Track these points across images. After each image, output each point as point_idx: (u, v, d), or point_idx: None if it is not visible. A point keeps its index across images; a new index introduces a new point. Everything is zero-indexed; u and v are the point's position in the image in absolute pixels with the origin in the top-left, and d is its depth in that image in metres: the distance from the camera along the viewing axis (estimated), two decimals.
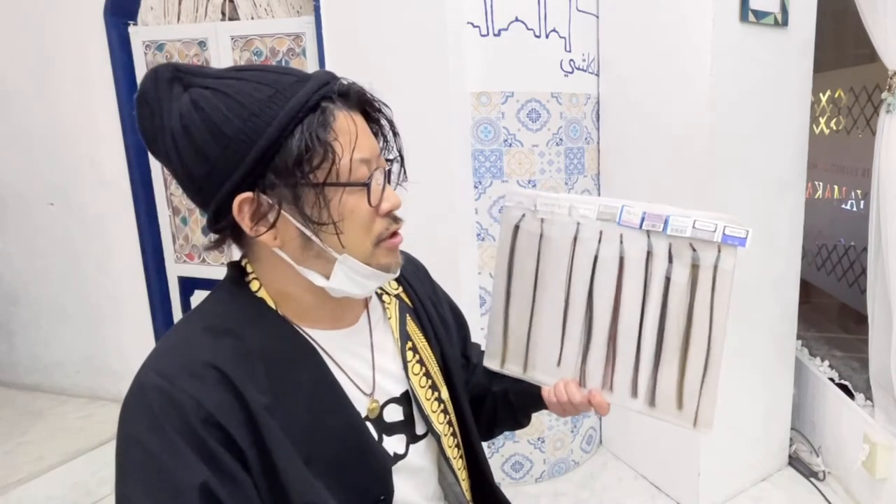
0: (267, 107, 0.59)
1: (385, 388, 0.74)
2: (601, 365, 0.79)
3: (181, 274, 2.61)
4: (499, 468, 2.11)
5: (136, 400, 0.59)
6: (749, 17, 1.69)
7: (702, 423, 0.74)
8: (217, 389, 0.59)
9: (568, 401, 0.79)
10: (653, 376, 0.77)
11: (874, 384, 1.92)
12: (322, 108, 0.61)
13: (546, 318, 0.82)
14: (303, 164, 0.60)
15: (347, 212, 0.63)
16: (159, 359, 0.62)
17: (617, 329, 0.78)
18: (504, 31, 1.87)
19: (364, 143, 0.64)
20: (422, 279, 0.88)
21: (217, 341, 0.63)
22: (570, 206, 0.79)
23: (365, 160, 0.64)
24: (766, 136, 1.85)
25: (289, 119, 0.59)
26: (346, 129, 0.62)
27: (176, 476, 0.55)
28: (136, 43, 2.41)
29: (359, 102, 0.66)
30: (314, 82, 0.62)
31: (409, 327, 0.79)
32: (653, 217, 0.75)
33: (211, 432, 0.57)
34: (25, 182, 2.68)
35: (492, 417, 0.92)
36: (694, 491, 1.92)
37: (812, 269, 3.01)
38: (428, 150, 1.86)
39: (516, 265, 0.84)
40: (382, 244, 0.67)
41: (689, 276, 0.74)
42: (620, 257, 0.77)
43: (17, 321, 2.88)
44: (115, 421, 0.59)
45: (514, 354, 0.85)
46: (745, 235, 0.71)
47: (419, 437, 0.77)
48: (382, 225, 0.66)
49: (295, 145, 0.59)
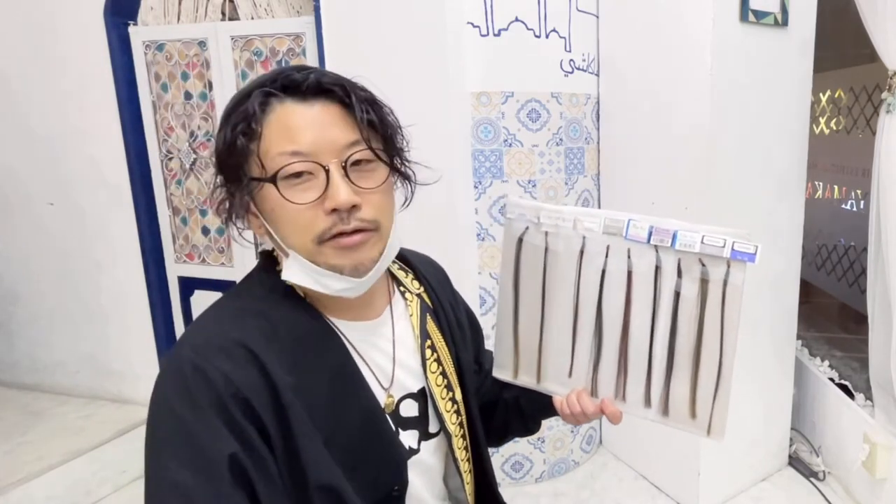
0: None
1: (403, 382, 0.75)
2: (613, 376, 0.79)
3: (181, 274, 2.61)
4: (499, 468, 2.11)
5: (171, 373, 0.60)
6: (749, 16, 1.69)
7: (715, 432, 0.76)
8: (246, 367, 0.60)
9: (581, 411, 0.79)
10: (665, 387, 0.77)
11: (874, 384, 1.92)
12: (263, 102, 0.63)
13: (556, 330, 0.82)
14: (227, 158, 0.63)
15: (278, 207, 0.63)
16: (192, 337, 0.64)
17: (628, 342, 0.78)
18: (504, 31, 1.87)
19: (303, 136, 0.61)
20: (443, 283, 0.88)
21: (247, 322, 0.64)
22: (575, 220, 0.78)
23: (297, 153, 0.61)
24: (766, 136, 1.85)
25: (226, 114, 0.64)
26: (276, 123, 0.62)
27: (207, 445, 0.57)
28: (136, 43, 2.40)
29: (323, 92, 0.63)
30: (258, 80, 0.64)
31: (429, 326, 0.80)
32: (660, 232, 0.74)
33: (239, 407, 0.58)
34: (25, 182, 2.67)
35: (503, 424, 0.93)
36: (694, 491, 1.92)
37: (812, 269, 3.01)
38: (428, 150, 1.86)
39: (522, 278, 0.83)
40: (328, 243, 0.63)
41: (698, 290, 0.74)
42: (628, 271, 0.76)
43: (17, 321, 2.88)
44: (115, 421, 0.60)
45: (527, 366, 0.85)
46: (755, 251, 0.71)
47: (431, 435, 0.77)
48: (325, 223, 0.62)
49: (219, 140, 0.64)
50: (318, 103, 0.63)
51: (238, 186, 0.64)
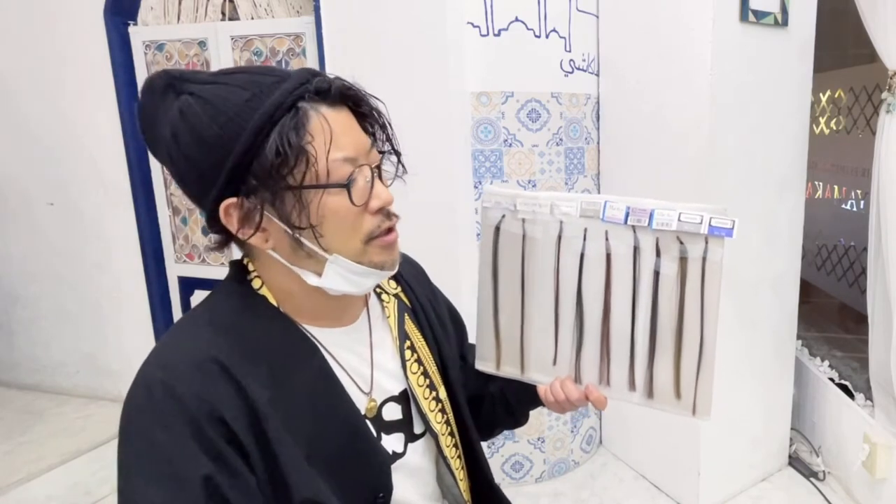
0: (243, 110, 0.59)
1: (383, 386, 0.74)
2: (596, 361, 0.79)
3: (181, 274, 2.61)
4: (499, 468, 2.11)
5: (140, 394, 0.59)
6: (749, 17, 1.69)
7: (700, 411, 0.75)
8: (219, 384, 0.59)
9: (565, 399, 0.79)
10: (649, 369, 0.76)
11: (874, 384, 1.92)
12: (297, 108, 0.60)
13: (537, 319, 0.81)
14: (279, 167, 0.59)
15: (330, 213, 0.62)
16: (162, 354, 0.62)
17: (609, 326, 0.77)
18: (504, 31, 1.87)
19: (345, 141, 0.62)
20: (420, 280, 0.88)
21: (219, 336, 0.63)
22: (552, 205, 0.77)
23: (348, 159, 0.62)
24: (766, 135, 1.85)
25: (262, 122, 0.59)
26: (321, 130, 0.61)
27: (179, 468, 0.55)
28: (136, 43, 2.41)
29: (342, 98, 0.64)
30: (291, 82, 0.61)
31: (408, 326, 0.79)
32: (637, 212, 0.74)
33: (213, 426, 0.57)
34: (25, 182, 2.68)
35: (490, 417, 0.92)
36: (694, 491, 1.92)
37: (812, 269, 3.01)
38: (428, 150, 1.86)
39: (501, 268, 0.82)
40: (374, 242, 0.65)
41: (677, 269, 0.73)
42: (607, 254, 0.76)
43: (17, 321, 2.88)
44: (115, 421, 0.59)
45: (510, 356, 0.84)
46: (732, 226, 0.70)
47: (417, 437, 0.77)
48: (373, 222, 0.65)
49: (269, 150, 0.59)
50: (341, 109, 0.64)
51: (277, 197, 0.60)
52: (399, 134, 0.71)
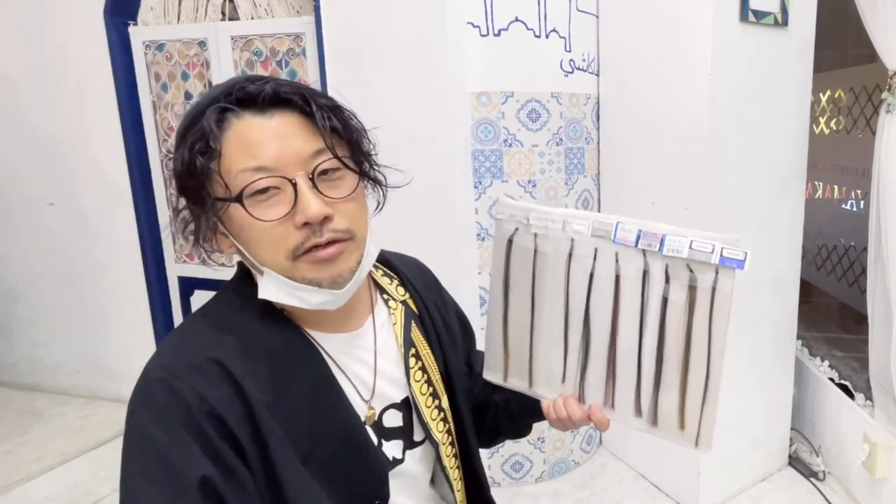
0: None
1: (385, 393, 0.74)
2: (601, 382, 0.78)
3: (181, 274, 2.61)
4: (499, 468, 2.11)
5: (142, 393, 0.60)
6: (749, 17, 1.69)
7: (703, 444, 0.74)
8: (219, 384, 0.59)
9: (567, 417, 0.78)
10: (654, 396, 0.76)
11: (874, 384, 1.92)
12: (210, 120, 0.59)
13: (546, 334, 0.80)
14: (187, 181, 0.61)
15: (241, 227, 0.61)
16: (165, 354, 0.63)
17: (616, 348, 0.77)
18: (504, 31, 1.87)
19: (261, 150, 0.59)
20: (429, 285, 0.87)
21: (220, 337, 0.63)
22: (564, 221, 0.76)
23: (261, 168, 0.59)
24: (766, 136, 1.85)
25: (177, 140, 0.61)
26: (235, 138, 0.60)
27: (178, 466, 0.56)
28: (136, 43, 2.40)
29: (281, 102, 0.61)
30: (206, 97, 0.61)
31: (414, 334, 0.78)
32: (648, 235, 0.72)
33: (213, 426, 0.58)
34: (26, 182, 2.67)
35: (494, 426, 0.92)
36: (694, 491, 1.92)
37: (812, 269, 3.01)
38: (428, 150, 1.86)
39: (512, 280, 0.82)
40: (303, 258, 0.62)
41: (686, 297, 0.72)
42: (616, 275, 0.75)
43: (17, 321, 2.88)
44: (115, 421, 0.60)
45: (517, 369, 0.83)
46: (744, 258, 0.68)
47: (416, 444, 0.77)
48: (298, 238, 0.61)
49: (179, 166, 0.61)
50: (277, 114, 0.61)
51: (202, 208, 0.61)
52: (399, 134, 0.70)
